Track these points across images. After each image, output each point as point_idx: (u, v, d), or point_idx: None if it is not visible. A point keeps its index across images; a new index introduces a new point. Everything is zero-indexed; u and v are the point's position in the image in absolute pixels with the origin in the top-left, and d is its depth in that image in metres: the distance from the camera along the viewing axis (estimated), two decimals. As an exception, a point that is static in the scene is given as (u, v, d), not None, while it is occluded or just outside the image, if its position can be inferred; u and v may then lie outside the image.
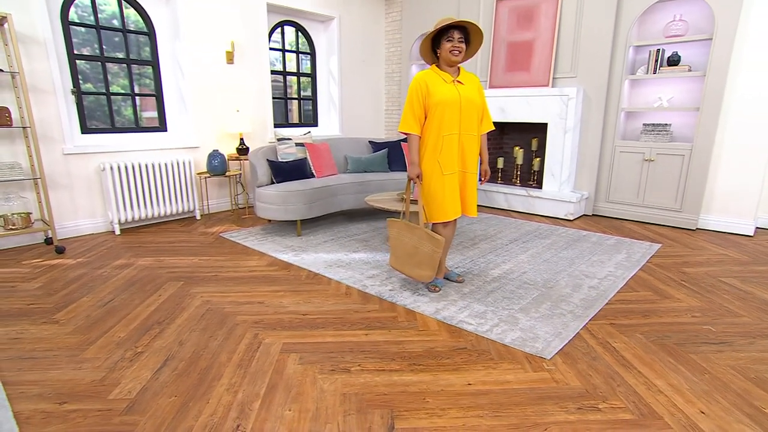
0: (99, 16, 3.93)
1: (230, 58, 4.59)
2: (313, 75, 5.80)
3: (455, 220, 2.59)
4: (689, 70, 4.02)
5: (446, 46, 2.37)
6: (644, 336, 2.15)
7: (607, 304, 2.51)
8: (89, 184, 3.85)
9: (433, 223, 2.56)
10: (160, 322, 2.30)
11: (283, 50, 5.43)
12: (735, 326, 2.25)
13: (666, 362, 1.92)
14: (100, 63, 3.96)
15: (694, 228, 4.09)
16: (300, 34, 5.57)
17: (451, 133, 2.39)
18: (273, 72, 5.24)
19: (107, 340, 2.12)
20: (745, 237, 3.84)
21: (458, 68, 2.48)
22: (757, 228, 4.06)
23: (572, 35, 4.49)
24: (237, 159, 4.58)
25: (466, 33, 2.41)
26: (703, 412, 1.60)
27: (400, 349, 2.04)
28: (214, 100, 4.58)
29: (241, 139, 4.62)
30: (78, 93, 3.82)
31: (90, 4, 3.83)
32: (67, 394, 1.72)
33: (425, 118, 2.43)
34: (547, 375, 1.83)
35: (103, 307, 2.46)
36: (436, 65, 2.48)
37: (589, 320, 2.31)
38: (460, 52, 2.38)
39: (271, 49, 5.18)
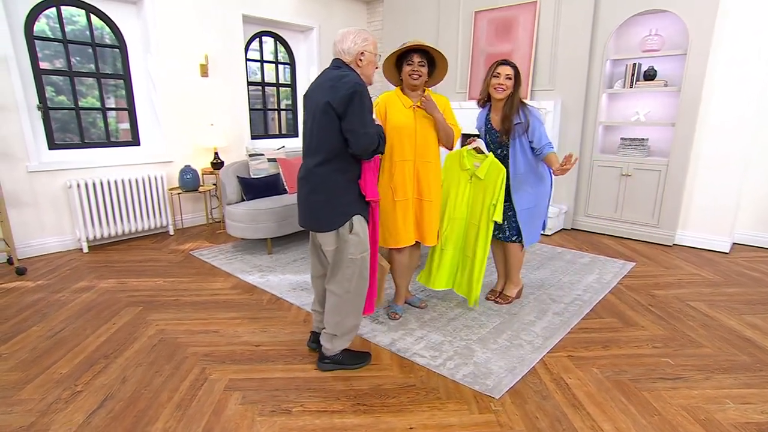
0: (71, 28, 3.86)
1: (204, 71, 4.53)
2: (293, 85, 5.75)
3: (416, 245, 2.54)
4: (665, 85, 3.97)
5: (406, 69, 2.32)
6: (600, 371, 2.09)
7: (569, 333, 2.46)
8: (56, 201, 3.79)
9: (389, 248, 2.51)
10: (107, 356, 2.24)
11: (262, 61, 5.37)
12: (694, 358, 2.20)
13: (617, 402, 1.87)
14: (68, 77, 3.90)
15: (671, 244, 4.04)
16: (279, 44, 5.51)
17: (404, 160, 2.33)
18: (251, 83, 5.18)
19: (47, 377, 2.05)
20: (720, 254, 3.79)
21: (422, 93, 2.39)
22: (733, 243, 4.01)
23: (550, 48, 4.44)
24: (212, 173, 4.53)
25: (431, 57, 2.34)
26: (646, 461, 1.55)
27: (346, 387, 1.98)
28: (188, 114, 4.51)
29: (216, 153, 4.56)
30: (45, 109, 3.75)
31: (56, 16, 3.77)
32: (-9, 442, 1.66)
33: None
34: (492, 417, 1.78)
35: (52, 338, 2.40)
36: (401, 88, 2.42)
37: (548, 352, 2.25)
38: (419, 76, 2.30)
39: (249, 60, 5.12)
